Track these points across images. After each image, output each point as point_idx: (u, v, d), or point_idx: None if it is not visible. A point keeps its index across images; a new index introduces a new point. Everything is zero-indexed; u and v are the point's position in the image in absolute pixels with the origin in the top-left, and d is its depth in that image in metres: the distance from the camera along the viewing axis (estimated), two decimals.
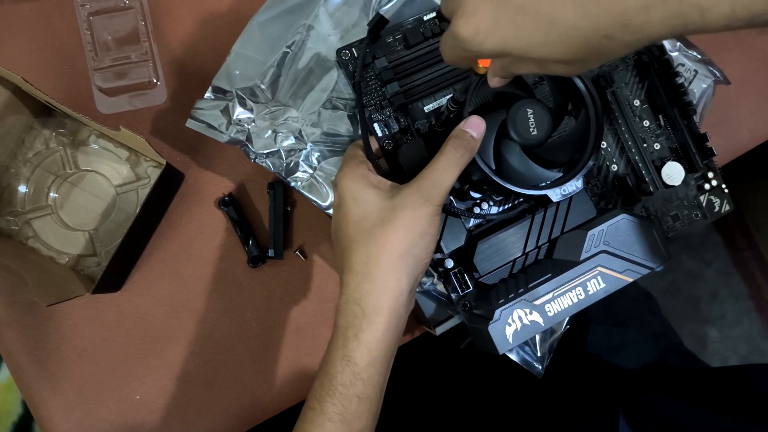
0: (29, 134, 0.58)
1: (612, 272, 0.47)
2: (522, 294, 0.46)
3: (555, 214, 0.49)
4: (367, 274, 0.41)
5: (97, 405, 0.58)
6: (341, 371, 0.41)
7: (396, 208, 0.42)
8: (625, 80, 0.53)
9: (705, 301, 1.59)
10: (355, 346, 0.41)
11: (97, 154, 0.59)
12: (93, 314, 0.59)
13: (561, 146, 0.47)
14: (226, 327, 0.60)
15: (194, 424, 0.59)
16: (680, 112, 0.53)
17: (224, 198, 0.60)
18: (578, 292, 0.46)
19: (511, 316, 0.45)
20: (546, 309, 0.46)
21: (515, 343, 0.45)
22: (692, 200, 0.54)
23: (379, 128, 0.49)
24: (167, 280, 0.60)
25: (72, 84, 0.60)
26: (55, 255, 0.58)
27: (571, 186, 0.46)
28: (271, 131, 0.53)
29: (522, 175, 0.46)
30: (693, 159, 0.53)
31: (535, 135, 0.44)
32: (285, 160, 0.53)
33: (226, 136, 0.53)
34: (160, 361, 0.59)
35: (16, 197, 0.58)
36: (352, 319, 0.41)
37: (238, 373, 0.60)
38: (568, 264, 0.47)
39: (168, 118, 0.61)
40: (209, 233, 0.60)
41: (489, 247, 0.48)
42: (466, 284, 0.49)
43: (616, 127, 0.53)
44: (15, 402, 0.85)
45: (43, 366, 0.58)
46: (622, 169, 0.53)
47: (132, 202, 0.59)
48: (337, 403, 0.41)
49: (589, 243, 0.47)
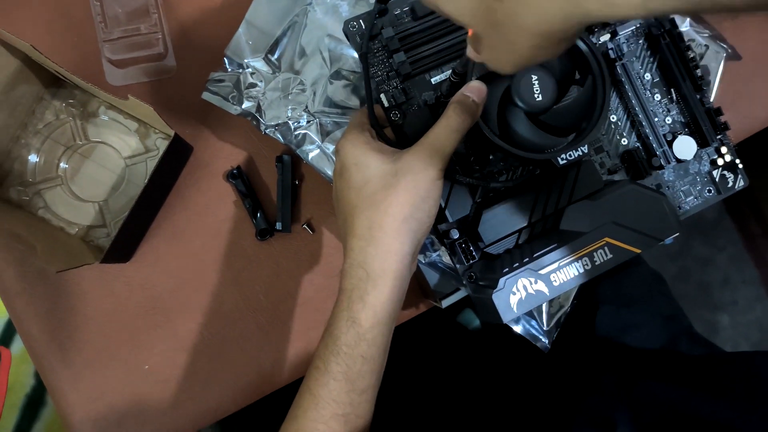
0: (39, 105, 0.58)
1: (620, 243, 0.46)
2: (527, 263, 0.45)
3: (562, 184, 0.48)
4: (371, 239, 0.42)
5: (107, 374, 0.59)
6: (346, 332, 0.42)
7: (398, 172, 0.42)
8: (636, 54, 0.53)
9: (717, 287, 1.58)
10: (360, 307, 0.41)
11: (107, 126, 0.59)
12: (102, 285, 0.59)
13: (566, 114, 0.46)
14: (234, 299, 0.60)
15: (201, 394, 0.59)
16: (693, 85, 0.52)
17: (233, 171, 0.60)
18: (585, 263, 0.45)
19: (515, 284, 0.45)
20: (551, 279, 0.45)
21: (519, 312, 0.45)
22: (705, 175, 0.53)
23: (386, 99, 0.49)
24: (176, 252, 0.60)
25: (81, 55, 0.60)
26: (65, 225, 0.58)
27: (577, 151, 0.45)
28: (280, 103, 0.53)
29: (527, 142, 0.45)
30: (705, 133, 0.52)
31: (539, 101, 0.44)
32: (293, 131, 0.53)
33: (238, 108, 0.53)
34: (169, 332, 0.60)
35: (27, 168, 0.58)
36: (357, 282, 0.42)
37: (245, 345, 0.60)
38: (575, 235, 0.46)
39: (176, 90, 0.61)
40: (218, 206, 0.61)
41: (494, 216, 0.47)
42: (471, 255, 0.49)
43: (626, 101, 0.52)
44: (28, 373, 0.86)
45: (54, 335, 0.59)
46: (632, 144, 0.53)
47: (141, 174, 0.59)
48: (342, 362, 0.41)
49: (597, 213, 0.46)
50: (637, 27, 0.52)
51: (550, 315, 0.54)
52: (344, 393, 0.42)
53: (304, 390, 0.43)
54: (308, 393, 0.43)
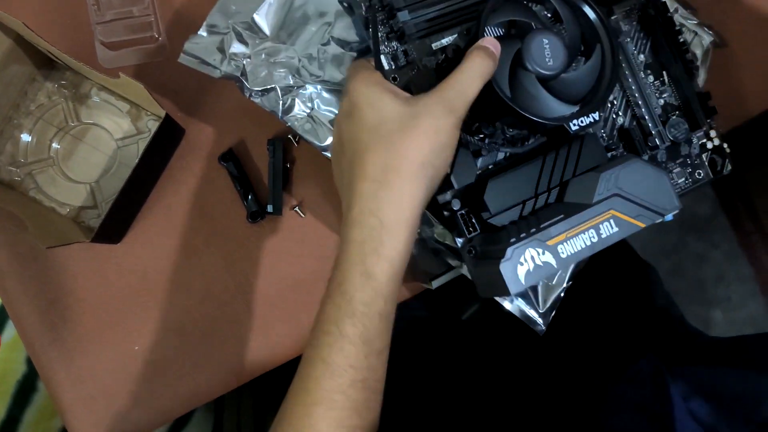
0: (32, 86, 0.58)
1: (625, 216, 0.45)
2: (534, 234, 0.44)
3: (567, 155, 0.48)
4: (385, 182, 0.39)
5: (97, 355, 0.59)
6: (361, 288, 0.38)
7: (418, 115, 0.39)
8: (630, 35, 0.53)
9: (711, 284, 1.59)
10: (375, 260, 0.38)
11: (99, 107, 0.59)
12: (93, 266, 0.59)
13: (576, 82, 0.46)
14: (224, 282, 0.60)
15: (192, 375, 0.60)
16: (684, 68, 0.52)
17: (224, 154, 0.60)
18: (591, 235, 0.44)
19: (523, 255, 0.43)
20: (559, 250, 0.44)
21: (527, 283, 0.43)
22: (695, 158, 0.54)
23: (386, 61, 0.48)
24: (167, 234, 0.60)
25: (74, 38, 0.60)
26: (56, 206, 0.59)
27: (589, 118, 0.45)
28: (267, 68, 0.52)
29: (537, 106, 0.44)
30: (697, 116, 0.53)
31: (551, 65, 0.43)
32: (281, 98, 0.53)
33: (220, 71, 0.52)
34: (160, 314, 0.60)
35: (19, 148, 0.58)
36: (370, 232, 0.39)
37: (235, 327, 0.60)
38: (581, 206, 0.45)
39: (169, 73, 0.61)
40: (209, 188, 0.61)
41: (500, 184, 0.46)
42: (473, 227, 0.48)
43: (622, 80, 0.53)
44: (19, 360, 0.86)
45: (45, 316, 0.59)
46: (627, 123, 0.53)
47: (133, 156, 0.60)
48: (358, 323, 0.38)
49: (602, 186, 0.45)
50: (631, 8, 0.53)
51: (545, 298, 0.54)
52: (362, 357, 0.39)
53: (314, 359, 0.40)
54: (321, 362, 0.39)
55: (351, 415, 0.39)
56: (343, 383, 0.38)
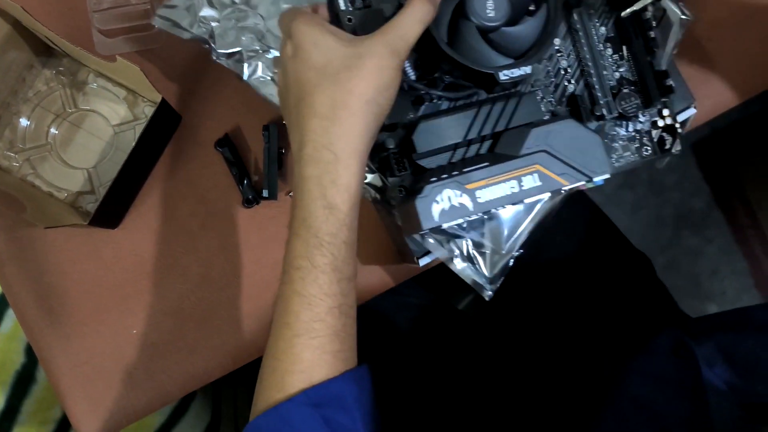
0: (30, 73, 0.59)
1: (549, 173, 0.47)
2: (456, 176, 0.45)
3: (502, 109, 0.49)
4: (335, 118, 0.41)
5: (95, 338, 0.60)
6: (325, 221, 0.41)
7: (363, 56, 0.41)
8: (595, 6, 0.54)
9: (705, 278, 1.60)
10: (334, 192, 0.41)
11: (96, 94, 0.60)
12: (91, 250, 0.60)
13: (518, 37, 0.47)
14: (221, 266, 0.61)
15: (189, 359, 0.60)
16: (645, 46, 0.53)
17: (220, 139, 0.61)
18: (512, 185, 0.46)
19: (440, 194, 0.45)
20: (477, 195, 0.45)
21: (441, 221, 0.45)
22: (644, 134, 0.55)
23: (343, 2, 0.49)
24: (164, 219, 0.61)
25: (72, 25, 0.61)
26: (54, 191, 0.59)
27: (520, 70, 0.46)
28: (235, 32, 0.55)
29: (475, 56, 0.46)
30: (651, 94, 0.53)
31: (491, 16, 0.45)
32: (246, 61, 0.54)
33: (189, 33, 0.54)
34: (156, 298, 0.60)
35: (17, 134, 0.59)
36: (326, 166, 0.41)
37: (232, 311, 0.61)
38: (508, 158, 0.47)
39: (164, 60, 0.62)
40: (205, 174, 0.62)
41: (430, 126, 0.48)
42: (403, 167, 0.49)
43: (578, 49, 0.53)
44: (18, 351, 0.86)
45: (43, 300, 0.60)
46: (579, 91, 0.54)
47: (129, 142, 0.60)
48: (327, 253, 0.41)
49: (531, 140, 0.47)
50: None
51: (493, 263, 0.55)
52: (335, 284, 0.41)
53: (289, 294, 0.42)
54: (296, 295, 0.41)
55: (332, 340, 0.41)
56: (321, 312, 0.41)
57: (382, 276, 0.61)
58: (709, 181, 1.60)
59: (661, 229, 1.60)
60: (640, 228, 1.60)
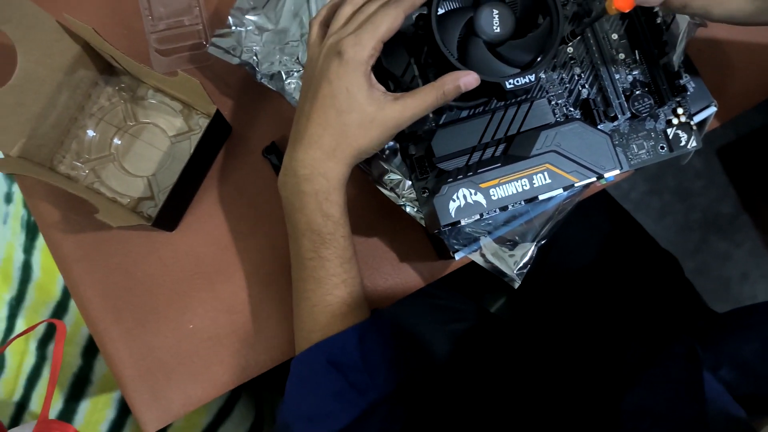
0: (95, 89, 0.65)
1: (559, 171, 0.51)
2: (470, 176, 0.51)
3: (514, 115, 0.54)
4: (333, 157, 0.51)
5: (155, 333, 0.64)
6: (324, 224, 0.52)
7: (375, 120, 0.50)
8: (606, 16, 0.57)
9: (735, 282, 1.60)
10: (328, 205, 0.52)
11: (154, 108, 0.65)
12: (151, 251, 0.65)
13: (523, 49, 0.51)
14: (270, 264, 0.65)
15: (241, 351, 0.64)
16: (658, 50, 0.56)
17: (267, 147, 0.65)
18: (523, 183, 0.51)
19: (456, 193, 0.51)
20: (490, 192, 0.51)
21: (457, 217, 0.51)
22: (659, 133, 0.57)
23: None
24: (217, 221, 0.66)
25: (131, 45, 0.67)
26: (117, 197, 0.64)
27: (524, 79, 0.50)
28: (275, 54, 0.61)
29: (484, 68, 0.50)
30: (663, 94, 0.56)
31: (497, 32, 0.50)
32: (285, 81, 0.61)
33: (238, 59, 0.61)
34: (211, 295, 0.65)
35: (83, 146, 0.65)
36: (321, 186, 0.51)
37: (280, 306, 0.65)
38: (519, 158, 0.52)
39: (215, 75, 0.67)
40: (255, 179, 0.66)
41: (448, 133, 0.53)
42: (426, 171, 0.55)
43: (591, 55, 0.57)
44: (75, 354, 0.91)
45: (107, 299, 0.65)
46: (592, 95, 0.57)
47: (185, 151, 0.65)
48: (330, 246, 0.53)
49: (541, 141, 0.52)
50: None
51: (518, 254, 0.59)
52: (338, 266, 0.53)
53: (306, 278, 0.54)
54: (311, 279, 0.54)
55: (341, 306, 0.54)
56: (330, 287, 0.53)
57: (422, 271, 0.65)
58: (735, 185, 1.60)
59: (689, 234, 1.61)
60: (668, 233, 1.61)
